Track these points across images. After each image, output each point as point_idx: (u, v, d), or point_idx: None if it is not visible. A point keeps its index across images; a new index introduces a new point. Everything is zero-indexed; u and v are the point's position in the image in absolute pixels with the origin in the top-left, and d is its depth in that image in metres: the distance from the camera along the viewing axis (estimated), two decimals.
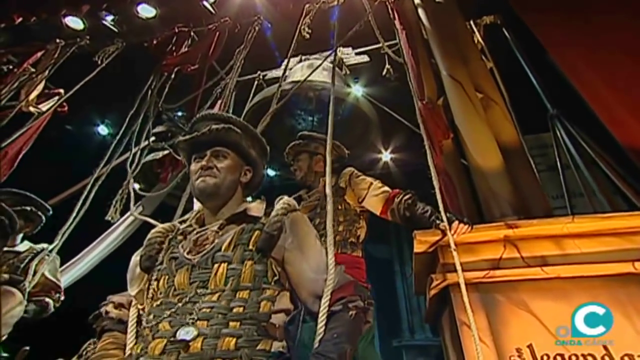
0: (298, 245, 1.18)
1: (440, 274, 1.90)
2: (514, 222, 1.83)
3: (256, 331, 1.03)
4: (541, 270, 1.76)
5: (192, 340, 0.98)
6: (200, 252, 1.16)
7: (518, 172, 2.28)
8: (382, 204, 2.21)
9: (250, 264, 1.11)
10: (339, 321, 1.09)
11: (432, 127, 2.44)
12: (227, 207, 1.28)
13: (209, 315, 1.03)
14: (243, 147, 1.32)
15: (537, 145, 4.08)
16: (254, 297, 1.08)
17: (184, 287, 1.10)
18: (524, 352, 1.68)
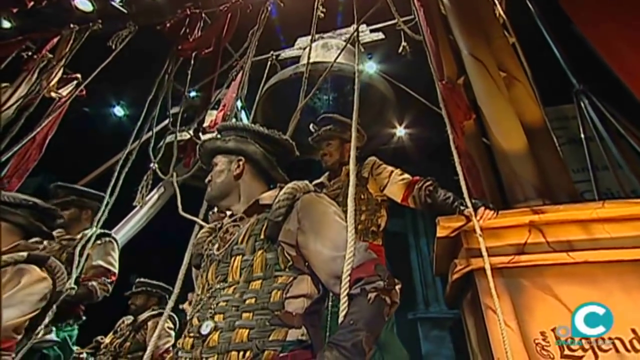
0: (311, 227, 1.13)
1: (463, 259, 1.88)
2: (540, 208, 1.78)
3: (269, 321, 1.02)
4: (567, 256, 1.72)
5: (210, 334, 1.01)
6: (224, 246, 1.19)
7: (542, 153, 2.20)
8: (403, 191, 2.18)
9: (261, 253, 1.11)
10: (356, 306, 1.00)
11: (453, 108, 2.35)
12: (240, 202, 1.30)
13: (225, 308, 1.04)
14: (220, 147, 1.36)
15: (557, 118, 3.94)
16: (265, 288, 1.06)
17: (211, 282, 1.14)
18: (548, 335, 1.67)
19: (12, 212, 1.57)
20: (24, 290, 1.39)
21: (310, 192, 1.22)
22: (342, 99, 3.86)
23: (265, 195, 1.27)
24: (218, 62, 3.22)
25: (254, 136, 1.36)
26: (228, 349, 0.98)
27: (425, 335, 6.34)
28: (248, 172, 1.32)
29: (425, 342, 6.26)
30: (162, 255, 5.47)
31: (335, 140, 2.46)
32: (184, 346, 1.06)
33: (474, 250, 1.86)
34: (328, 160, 2.45)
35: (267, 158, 1.34)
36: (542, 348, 1.65)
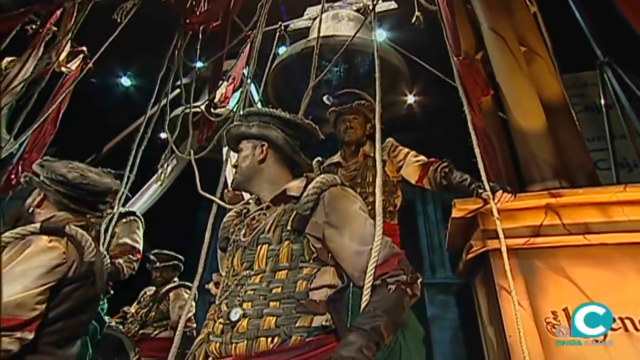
0: (338, 221, 1.13)
1: (479, 241, 1.89)
2: (558, 191, 1.76)
3: (294, 309, 1.05)
4: (583, 238, 1.73)
5: (238, 321, 1.04)
6: (250, 234, 1.20)
7: (561, 131, 2.15)
8: (418, 172, 2.16)
9: (287, 244, 1.12)
10: (378, 295, 1.04)
11: (470, 85, 2.27)
12: (265, 188, 1.30)
13: (252, 296, 1.08)
14: (245, 133, 1.35)
15: (575, 85, 3.82)
16: (290, 278, 1.09)
17: (237, 268, 1.16)
18: (559, 314, 1.71)
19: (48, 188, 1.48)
20: (26, 263, 1.22)
21: (337, 185, 1.22)
22: (353, 70, 3.74)
23: (293, 185, 1.26)
24: (227, 36, 3.11)
25: (276, 121, 1.35)
26: (257, 335, 1.02)
27: (431, 299, 6.53)
28: (271, 157, 1.32)
29: (430, 306, 6.46)
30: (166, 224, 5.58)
31: (360, 116, 2.41)
32: (214, 330, 1.09)
33: (489, 232, 1.87)
34: (352, 135, 2.36)
35: (289, 143, 1.32)
36: (553, 326, 1.70)
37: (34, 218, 1.48)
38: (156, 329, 3.11)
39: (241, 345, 1.02)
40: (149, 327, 3.09)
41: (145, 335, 3.03)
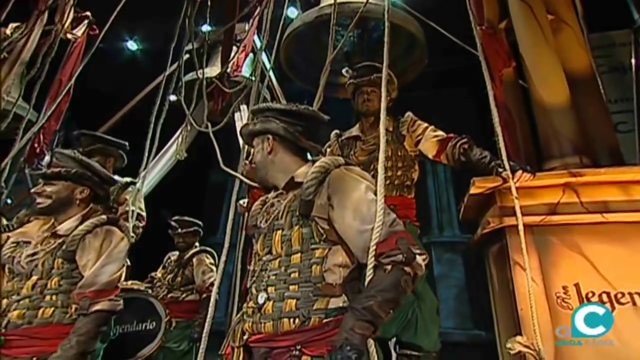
0: (341, 202, 1.16)
1: (496, 218, 1.91)
2: (579, 171, 1.74)
3: (312, 292, 1.12)
4: (601, 216, 1.73)
5: (264, 304, 1.14)
6: (268, 220, 1.28)
7: (586, 104, 2.08)
8: (436, 148, 2.14)
9: (297, 228, 1.18)
10: (375, 276, 1.08)
11: (492, 56, 2.18)
12: (277, 178, 1.35)
13: (274, 281, 1.16)
14: (253, 131, 1.42)
15: (601, 45, 3.64)
16: (305, 261, 1.14)
17: (260, 253, 1.24)
18: (569, 289, 1.75)
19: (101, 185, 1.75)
20: (117, 249, 1.60)
21: (341, 166, 1.24)
22: (367, 34, 3.58)
23: (299, 172, 1.31)
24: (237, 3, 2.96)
25: (275, 114, 1.39)
26: (280, 317, 1.11)
27: (438, 258, 6.70)
28: (278, 148, 1.36)
29: (437, 264, 6.64)
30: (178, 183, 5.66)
31: (378, 89, 2.34)
32: (247, 311, 1.21)
33: (507, 209, 1.88)
34: (369, 106, 2.33)
35: (290, 131, 1.35)
36: (563, 300, 1.76)
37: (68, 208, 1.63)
38: (183, 292, 3.30)
39: (268, 325, 1.12)
40: (177, 291, 3.27)
41: (174, 298, 3.22)
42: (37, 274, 1.53)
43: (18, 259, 1.58)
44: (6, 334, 1.43)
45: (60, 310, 1.50)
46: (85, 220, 1.63)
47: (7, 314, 1.47)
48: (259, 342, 1.15)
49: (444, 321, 6.15)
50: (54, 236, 1.61)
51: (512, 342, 1.58)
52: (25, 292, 1.50)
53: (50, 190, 1.62)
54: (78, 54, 4.67)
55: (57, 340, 1.43)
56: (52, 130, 4.46)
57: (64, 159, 1.68)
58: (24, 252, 1.60)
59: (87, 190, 1.68)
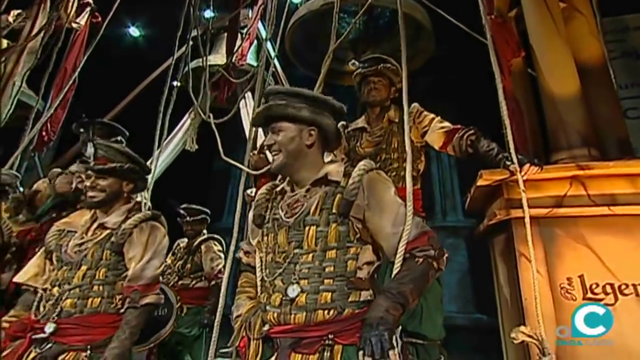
0: (377, 205, 1.22)
1: (503, 210, 1.91)
2: (587, 164, 1.73)
3: (346, 285, 1.16)
4: (608, 209, 1.73)
5: (297, 296, 1.15)
6: (294, 214, 1.26)
7: (596, 95, 2.04)
8: (443, 139, 2.12)
9: (335, 226, 1.19)
10: (406, 266, 1.16)
11: (501, 46, 2.13)
12: (306, 171, 1.32)
13: (307, 274, 1.17)
14: (292, 114, 1.30)
15: (614, 30, 3.54)
16: (340, 257, 1.18)
17: (284, 246, 1.23)
18: (574, 281, 1.77)
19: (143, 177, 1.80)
20: (160, 245, 1.66)
21: (373, 169, 1.28)
22: (372, 22, 3.51)
23: (333, 170, 1.30)
24: None
25: (327, 108, 1.36)
26: (315, 308, 1.13)
27: (442, 242, 6.61)
28: (318, 143, 1.34)
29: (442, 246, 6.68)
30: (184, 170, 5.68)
31: (385, 79, 2.33)
32: (271, 302, 1.19)
33: (513, 201, 1.88)
34: (376, 95, 2.31)
35: (338, 130, 1.36)
36: (567, 291, 1.78)
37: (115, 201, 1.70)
38: (193, 279, 3.36)
39: (300, 316, 1.14)
40: (187, 278, 3.33)
41: (184, 285, 3.28)
42: (86, 264, 1.56)
43: (65, 248, 1.61)
44: (60, 322, 1.48)
45: (106, 301, 1.54)
46: (131, 215, 1.66)
47: (60, 303, 1.51)
48: (286, 333, 1.16)
49: (446, 305, 6.20)
50: (101, 228, 1.64)
51: (516, 332, 1.61)
52: (76, 282, 1.54)
53: (103, 184, 1.64)
54: (81, 42, 4.63)
55: (105, 329, 1.50)
56: (59, 118, 4.48)
57: (111, 151, 1.69)
58: (71, 241, 1.63)
59: (132, 184, 1.72)
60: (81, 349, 1.46)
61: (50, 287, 1.57)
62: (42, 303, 1.56)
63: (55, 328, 1.46)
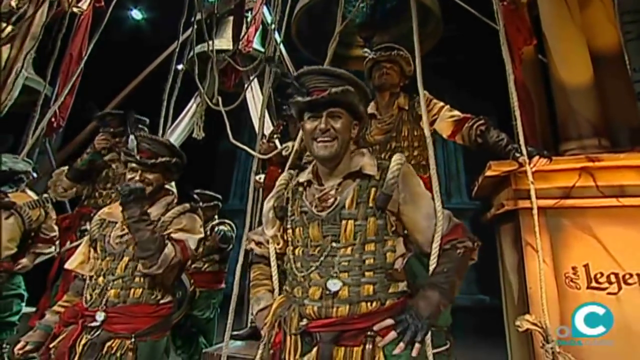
0: (411, 199, 1.23)
1: (511, 200, 1.92)
2: (597, 156, 1.72)
3: (385, 277, 1.18)
4: (616, 200, 1.73)
5: (339, 290, 1.15)
6: (326, 208, 1.24)
7: (609, 83, 2.00)
8: (452, 128, 2.11)
9: (374, 220, 1.20)
10: (448, 257, 1.19)
11: (513, 33, 2.09)
12: (343, 163, 1.29)
13: (348, 267, 1.17)
14: (355, 105, 1.28)
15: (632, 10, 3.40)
16: (379, 249, 1.19)
17: (318, 239, 1.22)
18: (579, 270, 1.79)
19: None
20: (198, 230, 1.73)
21: (404, 163, 1.27)
22: (379, 6, 3.41)
23: (367, 163, 1.27)
24: None
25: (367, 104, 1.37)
26: (358, 300, 1.15)
27: None
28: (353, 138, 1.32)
29: None
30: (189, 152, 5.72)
31: (396, 65, 2.31)
32: (310, 296, 1.18)
33: (521, 192, 1.88)
34: (387, 80, 2.30)
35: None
36: (571, 280, 1.80)
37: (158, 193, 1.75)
38: (205, 263, 3.44)
39: (342, 309, 1.14)
40: (199, 262, 3.41)
41: (197, 268, 3.37)
42: (128, 256, 1.61)
43: (108, 238, 1.66)
44: (107, 310, 1.54)
45: (147, 292, 1.60)
46: (169, 207, 1.72)
47: (105, 292, 1.57)
48: (327, 327, 1.15)
49: None
50: None
51: (521, 320, 1.66)
52: (119, 273, 1.59)
53: (151, 178, 1.68)
54: (85, 27, 4.58)
55: (147, 319, 1.58)
56: (67, 105, 4.48)
57: (155, 145, 1.71)
58: (113, 232, 1.67)
59: (173, 176, 1.78)
60: (126, 337, 1.53)
61: (96, 276, 1.63)
62: (88, 291, 1.62)
63: (106, 316, 1.53)
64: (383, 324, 1.13)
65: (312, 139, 1.26)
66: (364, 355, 1.11)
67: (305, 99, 1.24)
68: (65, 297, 1.74)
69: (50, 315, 1.67)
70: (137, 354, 1.52)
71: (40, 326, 1.64)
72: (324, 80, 1.24)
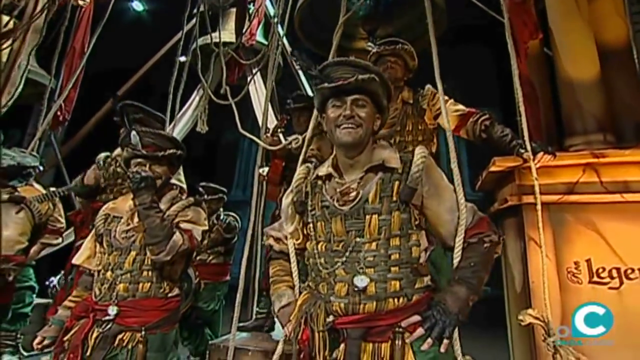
0: (435, 192, 1.21)
1: (515, 196, 1.92)
2: (602, 152, 1.71)
3: (411, 272, 1.16)
4: (620, 197, 1.73)
5: (367, 286, 1.13)
6: (348, 202, 1.22)
7: (617, 79, 1.97)
8: (456, 122, 2.11)
9: (398, 214, 1.18)
10: (475, 251, 1.18)
11: (519, 27, 2.06)
12: (364, 155, 1.27)
13: (374, 263, 1.15)
14: (380, 96, 1.27)
15: None
16: (404, 244, 1.17)
17: (342, 234, 1.20)
18: (581, 265, 1.80)
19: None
20: (203, 222, 1.76)
21: (428, 156, 1.24)
22: None
23: (389, 157, 1.25)
24: None
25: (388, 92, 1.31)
26: (385, 297, 1.13)
27: None
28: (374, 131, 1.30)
29: None
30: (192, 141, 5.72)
31: (401, 60, 2.30)
32: (336, 293, 1.16)
33: (525, 187, 1.89)
34: (392, 73, 2.28)
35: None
36: (573, 275, 1.81)
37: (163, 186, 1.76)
38: (210, 255, 3.47)
39: (370, 306, 1.13)
40: (204, 254, 3.45)
41: (202, 260, 3.40)
42: (135, 250, 1.63)
43: (114, 233, 1.68)
44: (118, 304, 1.57)
45: (155, 286, 1.63)
46: (174, 201, 1.73)
47: (115, 287, 1.60)
48: (355, 323, 1.14)
49: None
50: None
51: (523, 314, 1.67)
52: (127, 267, 1.61)
53: (160, 171, 1.70)
54: (87, 20, 4.54)
55: (156, 312, 1.61)
56: (72, 98, 4.48)
57: (158, 139, 1.72)
58: (119, 227, 1.69)
59: (176, 169, 1.80)
60: (136, 330, 1.57)
61: (104, 271, 1.65)
62: (97, 285, 1.65)
63: (118, 310, 1.57)
64: (410, 321, 1.12)
65: (335, 127, 1.23)
66: (394, 351, 1.10)
67: (331, 84, 1.23)
68: (75, 292, 1.78)
69: (62, 310, 1.72)
70: (147, 346, 1.56)
71: (54, 321, 1.69)
72: (350, 71, 1.23)
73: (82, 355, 1.53)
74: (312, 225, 1.27)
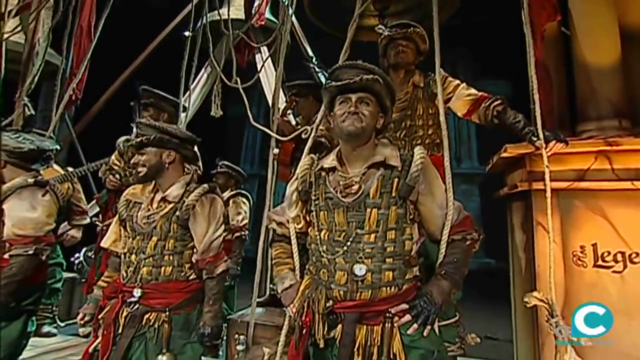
0: (429, 190, 1.32)
1: (525, 182, 1.93)
2: (615, 140, 1.69)
3: (403, 264, 1.27)
4: (631, 184, 1.72)
5: (364, 275, 1.25)
6: (350, 195, 1.31)
7: (637, 61, 1.91)
8: (468, 107, 2.10)
9: (395, 209, 1.28)
10: (458, 248, 1.32)
11: (536, 9, 1.98)
12: (364, 149, 1.36)
13: (371, 254, 1.26)
14: (383, 96, 1.37)
15: None
16: (399, 237, 1.28)
17: (343, 225, 1.30)
18: (586, 249, 1.83)
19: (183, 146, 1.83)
20: (221, 215, 1.79)
21: (426, 156, 1.34)
22: None
23: (390, 154, 1.34)
24: None
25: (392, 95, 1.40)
26: (380, 286, 1.25)
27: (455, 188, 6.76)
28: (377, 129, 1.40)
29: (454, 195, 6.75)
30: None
31: (412, 43, 2.26)
32: (336, 280, 1.27)
33: (536, 174, 1.89)
34: (403, 57, 2.26)
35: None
36: (578, 259, 1.85)
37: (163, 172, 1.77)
38: None
39: (365, 294, 1.25)
40: None
41: None
42: (156, 235, 1.69)
43: (135, 218, 1.74)
44: (143, 287, 1.66)
45: (177, 269, 1.69)
46: (189, 187, 1.75)
47: (139, 270, 1.68)
48: (352, 308, 1.26)
49: None
50: (164, 201, 1.74)
51: (528, 296, 1.73)
52: (150, 251, 1.68)
53: (144, 159, 1.72)
54: None
55: (179, 294, 1.69)
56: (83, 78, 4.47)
57: (144, 128, 1.76)
58: (140, 212, 1.75)
59: (173, 152, 1.76)
60: (161, 310, 1.65)
61: (129, 254, 1.73)
62: (124, 268, 1.74)
63: (142, 292, 1.65)
64: (399, 308, 1.26)
65: (340, 122, 1.33)
66: (384, 333, 1.24)
67: (338, 82, 1.34)
68: (106, 272, 1.89)
69: (97, 290, 1.85)
70: (172, 325, 1.65)
71: (91, 299, 1.84)
72: (357, 73, 1.33)
73: (115, 332, 1.65)
74: (315, 214, 1.37)
